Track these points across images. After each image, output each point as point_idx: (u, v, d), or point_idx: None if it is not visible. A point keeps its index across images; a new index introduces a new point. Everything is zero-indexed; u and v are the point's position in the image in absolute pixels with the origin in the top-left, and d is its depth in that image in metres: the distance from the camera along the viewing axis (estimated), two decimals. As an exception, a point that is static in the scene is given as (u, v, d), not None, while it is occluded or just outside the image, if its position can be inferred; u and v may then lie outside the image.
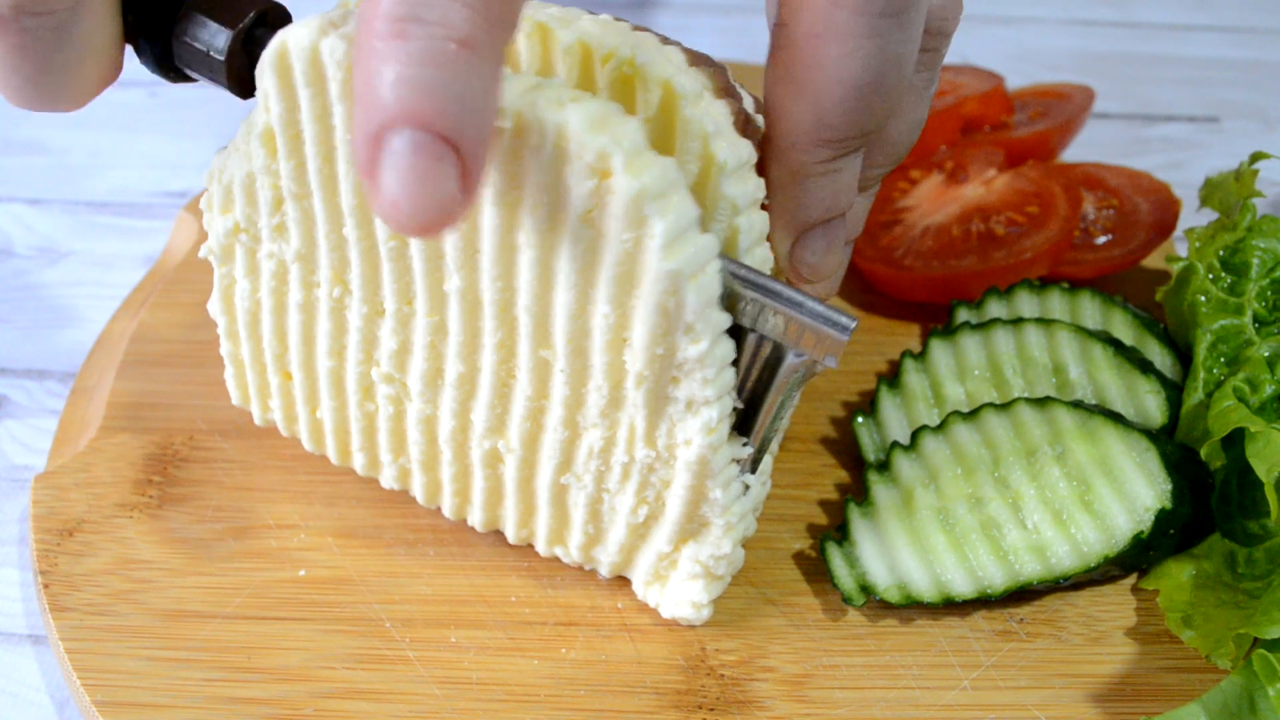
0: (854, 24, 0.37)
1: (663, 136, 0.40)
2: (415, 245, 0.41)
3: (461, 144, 0.32)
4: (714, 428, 0.40)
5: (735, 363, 0.40)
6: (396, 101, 0.31)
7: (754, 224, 0.41)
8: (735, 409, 0.41)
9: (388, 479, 0.49)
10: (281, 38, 0.38)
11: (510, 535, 0.48)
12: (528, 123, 0.35)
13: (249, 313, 0.47)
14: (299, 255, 0.44)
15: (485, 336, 0.41)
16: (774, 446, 0.50)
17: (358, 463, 0.50)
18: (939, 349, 0.55)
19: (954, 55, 0.91)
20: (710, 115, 0.39)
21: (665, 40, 0.42)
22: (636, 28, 0.41)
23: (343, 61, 0.37)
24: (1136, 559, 0.47)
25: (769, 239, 0.43)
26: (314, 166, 0.41)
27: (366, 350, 0.45)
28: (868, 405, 0.55)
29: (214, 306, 0.48)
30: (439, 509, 0.49)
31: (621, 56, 0.39)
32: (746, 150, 0.41)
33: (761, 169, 0.42)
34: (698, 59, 0.42)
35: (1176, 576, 0.48)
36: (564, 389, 0.41)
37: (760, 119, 0.43)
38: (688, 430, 0.40)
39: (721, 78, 0.41)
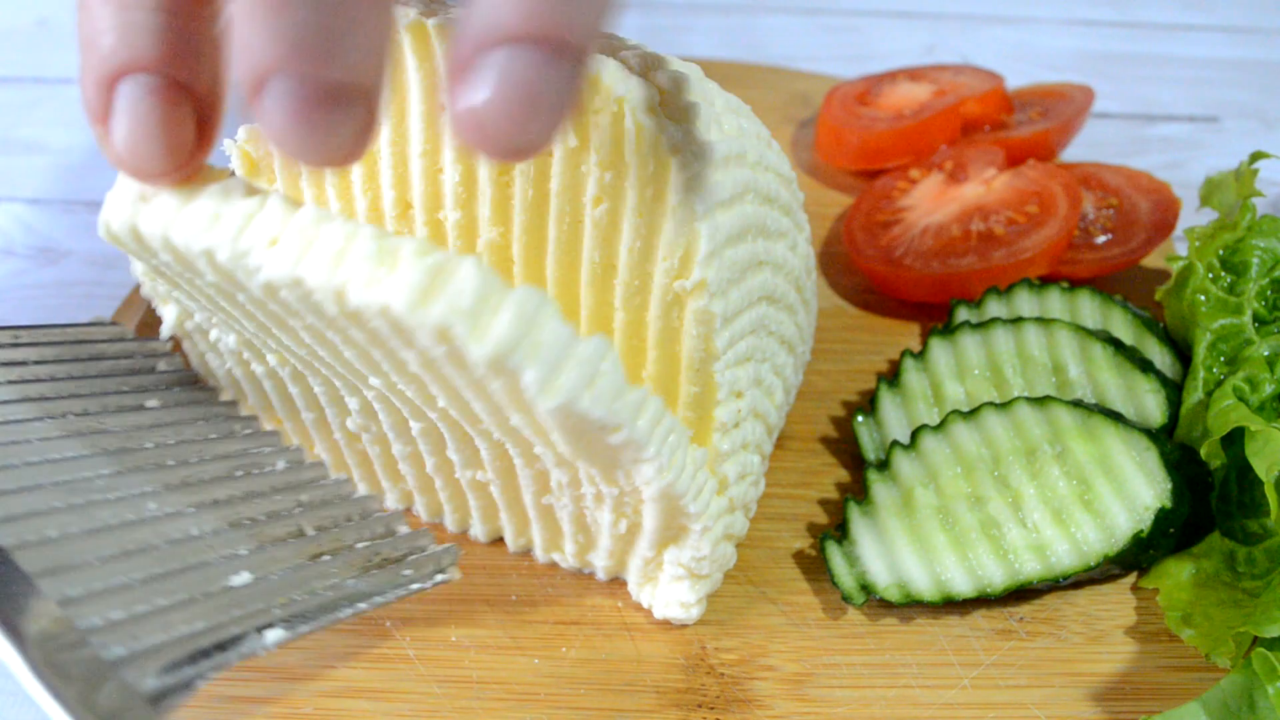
0: None
1: (615, 150, 0.39)
2: (328, 368, 0.41)
3: (196, 88, 0.32)
4: (666, 470, 0.38)
5: None
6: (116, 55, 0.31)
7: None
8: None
9: (391, 502, 0.50)
10: (104, 216, 0.36)
11: (510, 545, 0.49)
12: (348, 309, 0.31)
13: (226, 376, 0.49)
14: (241, 343, 0.45)
15: (427, 410, 0.41)
16: (767, 449, 0.50)
17: (361, 491, 0.50)
18: (939, 348, 0.55)
19: (954, 55, 0.91)
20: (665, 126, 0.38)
21: None
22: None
23: (161, 237, 0.35)
24: (1136, 558, 0.47)
25: None
26: (199, 305, 0.41)
27: (337, 407, 0.46)
28: (868, 404, 0.55)
29: (199, 368, 0.50)
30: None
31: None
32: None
33: None
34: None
35: (1176, 575, 0.48)
36: (514, 449, 0.41)
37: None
38: (643, 474, 0.39)
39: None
